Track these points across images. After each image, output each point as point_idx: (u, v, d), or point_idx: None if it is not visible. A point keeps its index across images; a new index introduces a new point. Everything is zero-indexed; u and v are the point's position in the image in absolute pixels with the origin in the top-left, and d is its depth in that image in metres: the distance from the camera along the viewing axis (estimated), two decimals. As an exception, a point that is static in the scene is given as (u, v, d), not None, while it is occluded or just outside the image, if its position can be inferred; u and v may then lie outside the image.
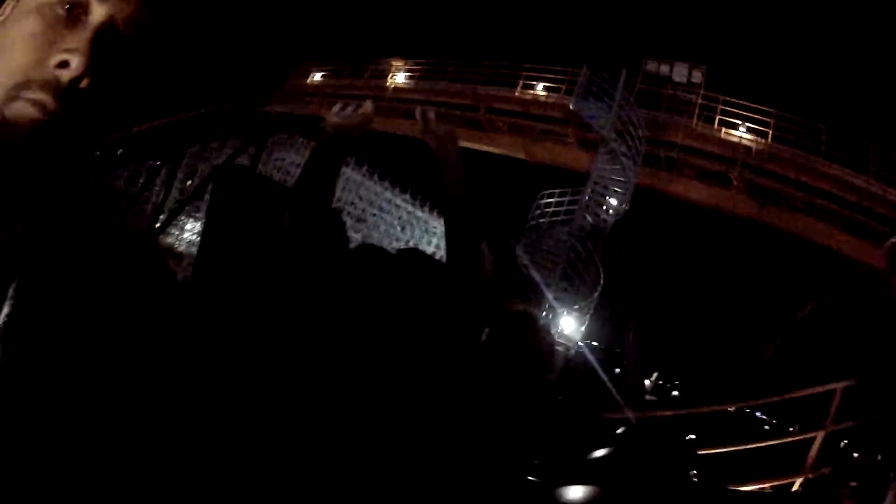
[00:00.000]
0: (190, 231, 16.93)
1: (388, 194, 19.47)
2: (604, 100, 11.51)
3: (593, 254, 11.44)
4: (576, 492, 1.71)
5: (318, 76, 17.90)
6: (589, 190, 11.62)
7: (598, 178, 11.53)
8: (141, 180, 15.91)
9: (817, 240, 13.27)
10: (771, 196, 13.20)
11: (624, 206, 11.79)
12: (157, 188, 15.96)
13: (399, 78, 16.01)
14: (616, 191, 11.79)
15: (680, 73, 12.89)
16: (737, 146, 12.97)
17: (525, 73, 14.01)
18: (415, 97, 14.90)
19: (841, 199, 12.81)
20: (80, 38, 0.68)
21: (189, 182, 16.96)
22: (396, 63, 16.10)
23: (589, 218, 11.78)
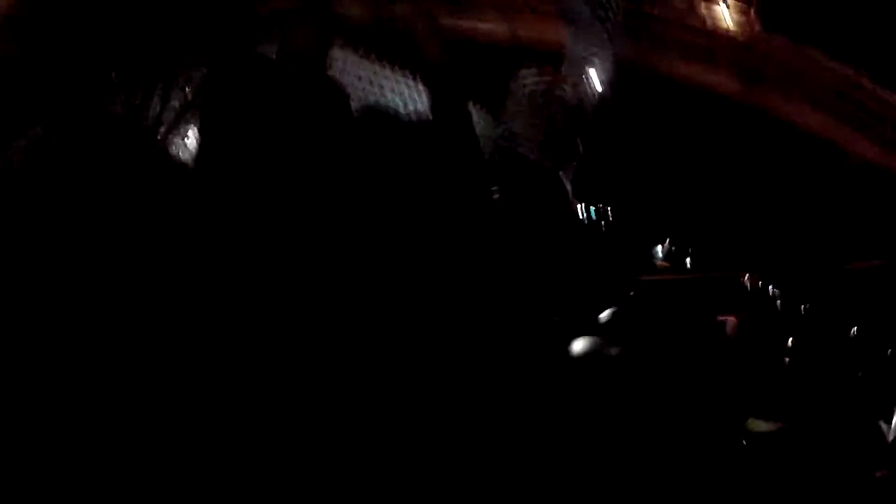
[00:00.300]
0: (193, 138, 17.41)
1: (388, 72, 19.57)
2: (581, -26, 11.60)
3: (572, 128, 11.85)
4: (580, 344, 1.77)
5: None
6: (567, 64, 11.84)
7: (576, 52, 11.76)
8: (137, 100, 16.20)
9: (806, 126, 13.44)
10: (758, 77, 13.31)
11: (605, 80, 12.05)
12: (154, 104, 16.33)
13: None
14: (596, 65, 12.03)
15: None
16: (721, 24, 13.02)
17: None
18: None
19: (830, 88, 12.93)
20: None
21: (186, 91, 17.30)
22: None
23: (568, 91, 12.04)
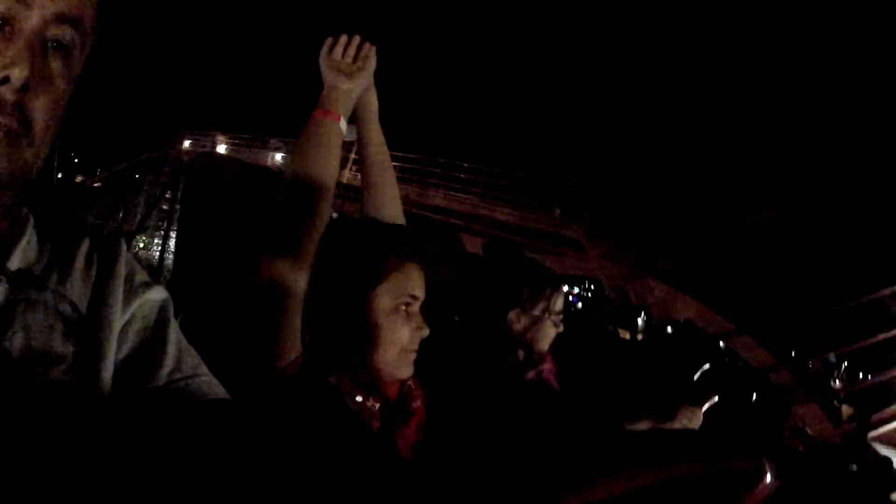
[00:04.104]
0: (157, 246, 23.55)
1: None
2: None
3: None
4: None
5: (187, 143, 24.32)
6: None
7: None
8: (104, 213, 23.48)
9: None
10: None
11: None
12: (118, 215, 23.33)
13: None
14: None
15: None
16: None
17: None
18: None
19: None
20: (16, 48, 0.64)
21: (140, 206, 24.33)
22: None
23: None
